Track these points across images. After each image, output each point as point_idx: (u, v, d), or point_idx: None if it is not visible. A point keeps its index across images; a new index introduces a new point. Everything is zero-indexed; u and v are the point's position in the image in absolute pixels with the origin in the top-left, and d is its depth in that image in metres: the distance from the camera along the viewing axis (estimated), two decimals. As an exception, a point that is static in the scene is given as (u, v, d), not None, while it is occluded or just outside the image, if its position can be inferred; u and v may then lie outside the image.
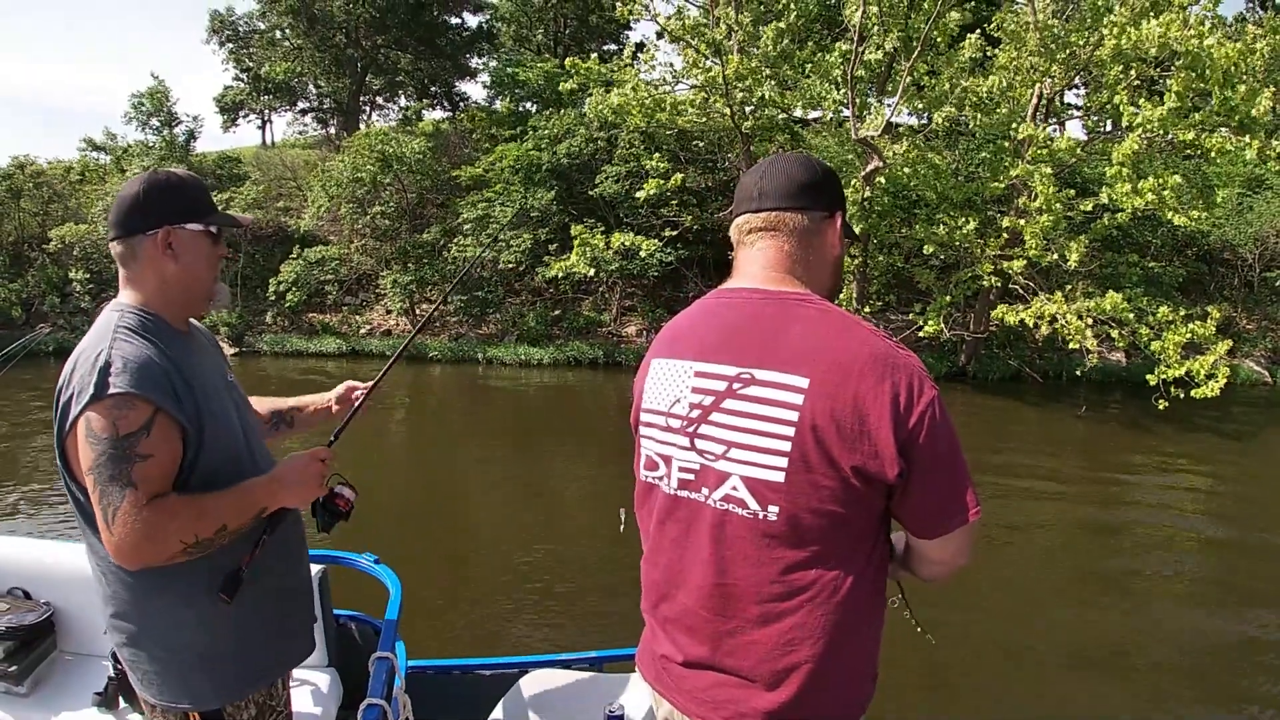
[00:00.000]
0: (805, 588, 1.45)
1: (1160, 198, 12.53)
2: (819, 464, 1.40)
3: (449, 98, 30.01)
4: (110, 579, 1.71)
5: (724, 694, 1.51)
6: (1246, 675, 5.21)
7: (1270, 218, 19.45)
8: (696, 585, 1.54)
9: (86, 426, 1.57)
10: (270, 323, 19.42)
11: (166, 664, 1.74)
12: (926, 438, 1.38)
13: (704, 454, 1.51)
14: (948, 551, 1.51)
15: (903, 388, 1.38)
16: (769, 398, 1.44)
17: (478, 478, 9.97)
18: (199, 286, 1.80)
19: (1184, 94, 12.40)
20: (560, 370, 17.24)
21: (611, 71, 15.81)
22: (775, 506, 1.43)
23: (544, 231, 18.22)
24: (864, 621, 1.50)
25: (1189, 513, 8.97)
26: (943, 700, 4.78)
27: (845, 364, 1.40)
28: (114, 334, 1.64)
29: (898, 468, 1.38)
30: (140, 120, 23.84)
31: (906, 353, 1.44)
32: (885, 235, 15.62)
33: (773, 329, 1.49)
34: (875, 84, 15.48)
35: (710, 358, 1.53)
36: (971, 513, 1.44)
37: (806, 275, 1.56)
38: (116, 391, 1.56)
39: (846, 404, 1.38)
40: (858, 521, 1.44)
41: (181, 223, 1.75)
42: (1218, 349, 12.51)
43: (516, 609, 5.81)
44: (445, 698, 2.92)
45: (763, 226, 1.58)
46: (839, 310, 1.52)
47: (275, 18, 27.74)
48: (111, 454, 1.55)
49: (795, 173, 1.58)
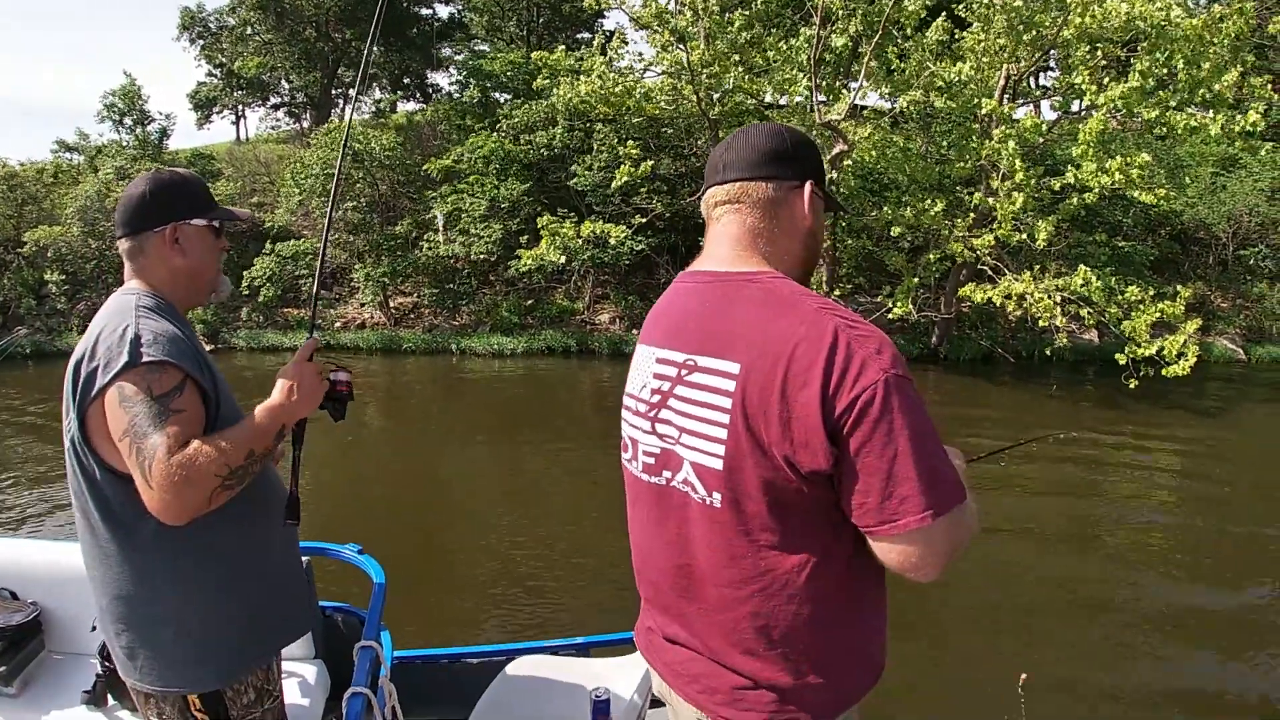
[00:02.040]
0: (758, 576, 1.41)
1: (1127, 176, 12.58)
2: (752, 453, 1.35)
3: (422, 89, 29.89)
4: (115, 561, 1.73)
5: (696, 668, 1.52)
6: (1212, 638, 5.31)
7: (1243, 196, 19.53)
8: (662, 566, 1.56)
9: (119, 393, 1.62)
10: (245, 319, 19.35)
11: (168, 648, 1.76)
12: (859, 423, 1.27)
13: (664, 438, 1.51)
14: (898, 557, 1.33)
15: (837, 367, 1.28)
16: (707, 384, 1.42)
17: (457, 467, 9.97)
18: (204, 278, 1.91)
19: (1147, 72, 12.44)
20: (533, 359, 17.24)
21: (579, 61, 15.76)
22: (718, 494, 1.41)
23: (515, 222, 18.18)
24: (842, 614, 1.44)
25: (1160, 487, 9.08)
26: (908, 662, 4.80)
27: (777, 346, 1.33)
28: (137, 311, 1.72)
29: (830, 457, 1.30)
30: (113, 120, 23.71)
31: (862, 329, 1.33)
32: (854, 219, 15.62)
33: (715, 313, 1.46)
34: (841, 69, 15.45)
35: (666, 344, 1.53)
36: (922, 516, 1.28)
37: (771, 249, 1.50)
38: (150, 359, 1.64)
39: (775, 389, 1.32)
40: (807, 511, 1.37)
41: (187, 218, 1.85)
42: (1187, 328, 12.57)
43: (501, 597, 5.85)
44: (433, 686, 2.94)
45: (727, 199, 1.52)
46: (788, 286, 1.43)
47: (244, 13, 27.57)
48: (147, 412, 1.61)
49: (761, 142, 1.52)
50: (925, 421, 1.31)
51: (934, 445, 1.31)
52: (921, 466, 1.28)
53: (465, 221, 18.05)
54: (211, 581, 1.77)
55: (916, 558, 1.31)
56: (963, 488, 1.34)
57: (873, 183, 16.20)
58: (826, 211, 1.60)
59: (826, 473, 1.32)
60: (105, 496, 1.71)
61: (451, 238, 17.93)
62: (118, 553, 1.73)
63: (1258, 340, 18.54)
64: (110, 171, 21.01)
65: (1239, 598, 6.13)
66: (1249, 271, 19.75)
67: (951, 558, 1.33)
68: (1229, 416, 13.23)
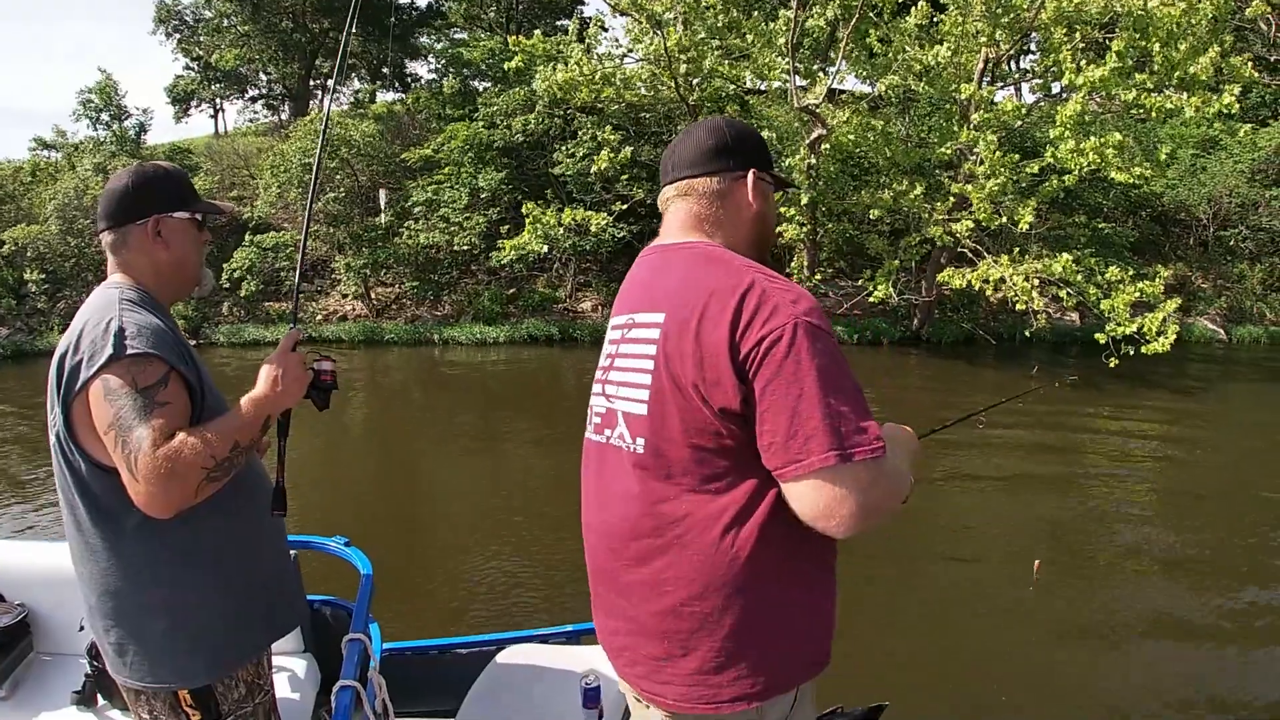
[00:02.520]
0: (675, 521, 1.41)
1: (1103, 156, 12.63)
2: (673, 395, 1.40)
3: (401, 79, 29.74)
4: (102, 555, 1.72)
5: (621, 640, 1.53)
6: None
7: (1223, 178, 19.63)
8: (597, 524, 1.58)
9: (104, 386, 1.62)
10: (226, 313, 19.24)
11: (158, 642, 1.75)
12: (765, 360, 1.30)
13: (609, 398, 1.57)
14: (807, 504, 1.30)
15: (747, 310, 1.33)
16: (640, 337, 1.50)
17: (441, 457, 9.93)
18: (188, 271, 1.91)
19: (1125, 53, 12.47)
20: (516, 348, 17.20)
21: (557, 47, 15.70)
22: (641, 439, 1.46)
23: (495, 211, 18.12)
24: (769, 582, 1.40)
25: (1137, 465, 9.14)
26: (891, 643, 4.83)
27: (697, 295, 1.40)
28: (120, 305, 1.71)
29: (739, 394, 1.33)
30: (90, 116, 23.52)
31: (783, 282, 1.38)
32: (834, 203, 15.63)
33: (655, 277, 1.56)
34: (819, 53, 15.43)
35: (617, 312, 1.64)
36: (825, 455, 1.26)
37: (717, 231, 1.58)
38: (134, 352, 1.64)
39: (691, 330, 1.37)
40: (728, 456, 1.37)
41: (170, 211, 1.85)
42: (1167, 306, 12.66)
43: (489, 587, 5.81)
44: (423, 678, 2.93)
45: (675, 195, 1.62)
46: (724, 252, 1.51)
47: (220, 5, 27.34)
48: (132, 405, 1.61)
49: (703, 139, 1.60)
50: (841, 372, 1.31)
51: (849, 396, 1.30)
52: (829, 409, 1.27)
53: (446, 211, 17.96)
54: (200, 575, 1.76)
55: (824, 504, 1.28)
56: (881, 442, 1.30)
57: (853, 166, 16.20)
58: (777, 190, 1.71)
59: (739, 412, 1.34)
60: (92, 491, 1.70)
61: (432, 224, 17.83)
62: (105, 547, 1.72)
63: (1238, 320, 18.69)
64: (88, 168, 20.84)
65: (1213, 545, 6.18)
66: (1229, 252, 19.88)
67: (868, 513, 1.28)
68: (1208, 395, 13.33)
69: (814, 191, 14.72)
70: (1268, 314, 18.94)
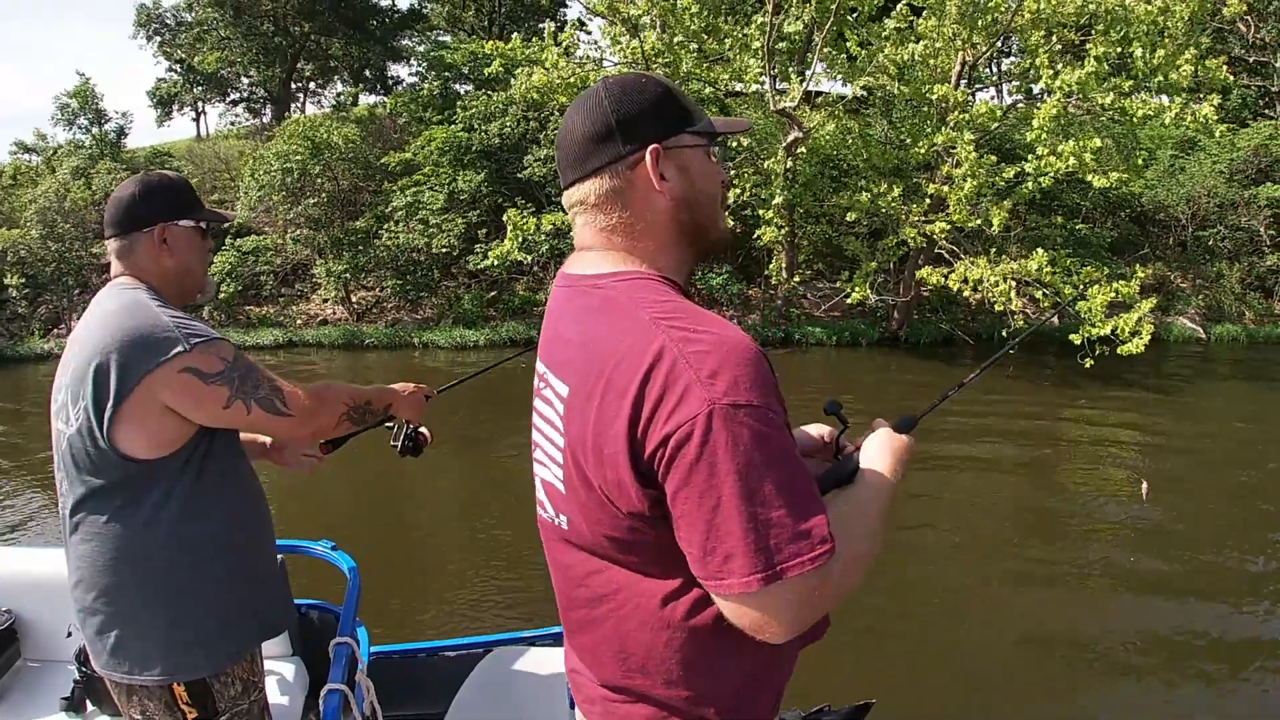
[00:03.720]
0: (607, 597, 1.26)
1: (1080, 160, 12.69)
2: (581, 485, 1.19)
3: (383, 82, 29.69)
4: (109, 550, 1.75)
5: (576, 679, 1.43)
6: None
7: (1201, 178, 19.76)
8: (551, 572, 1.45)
9: (195, 374, 1.71)
10: (207, 318, 19.17)
11: (158, 636, 1.77)
12: (673, 465, 1.06)
13: (535, 460, 1.36)
14: (734, 617, 1.10)
15: (650, 397, 1.07)
16: (550, 401, 1.27)
17: (424, 461, 9.85)
18: (192, 278, 1.97)
19: (1102, 57, 12.53)
20: (496, 351, 17.17)
21: (535, 51, 15.69)
22: (564, 516, 1.27)
23: (475, 214, 18.11)
24: (717, 649, 1.22)
25: (1113, 464, 9.26)
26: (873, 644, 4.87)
27: (597, 369, 1.14)
28: (153, 304, 1.79)
29: (646, 500, 1.11)
30: (67, 120, 23.40)
31: (700, 344, 1.08)
32: (812, 205, 15.67)
33: (560, 324, 1.31)
34: (796, 56, 15.46)
35: (540, 352, 1.38)
36: (746, 580, 1.04)
37: (633, 241, 1.26)
38: (203, 338, 1.74)
39: (590, 423, 1.14)
40: (651, 546, 1.18)
41: (175, 219, 1.92)
42: (1142, 306, 12.73)
43: (478, 590, 5.83)
44: (411, 681, 2.93)
45: (573, 203, 1.30)
46: (631, 291, 1.20)
47: (201, 10, 27.25)
48: (238, 375, 1.75)
49: (579, 128, 1.25)
50: (772, 465, 1.04)
51: (782, 496, 1.04)
52: (753, 521, 1.03)
53: (425, 213, 17.94)
54: (206, 566, 1.79)
55: (750, 623, 1.08)
56: (826, 545, 1.06)
57: (832, 168, 16.24)
58: (715, 142, 1.33)
59: (651, 515, 1.13)
60: (107, 486, 1.74)
61: (412, 227, 17.81)
62: (112, 542, 1.75)
63: (1217, 319, 18.80)
64: (68, 172, 20.75)
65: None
66: (1208, 252, 20.00)
67: (811, 619, 1.10)
68: (1186, 393, 13.42)
69: (789, 194, 14.73)
70: (1247, 313, 19.05)
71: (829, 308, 16.05)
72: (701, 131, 1.28)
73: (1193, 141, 20.39)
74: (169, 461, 1.74)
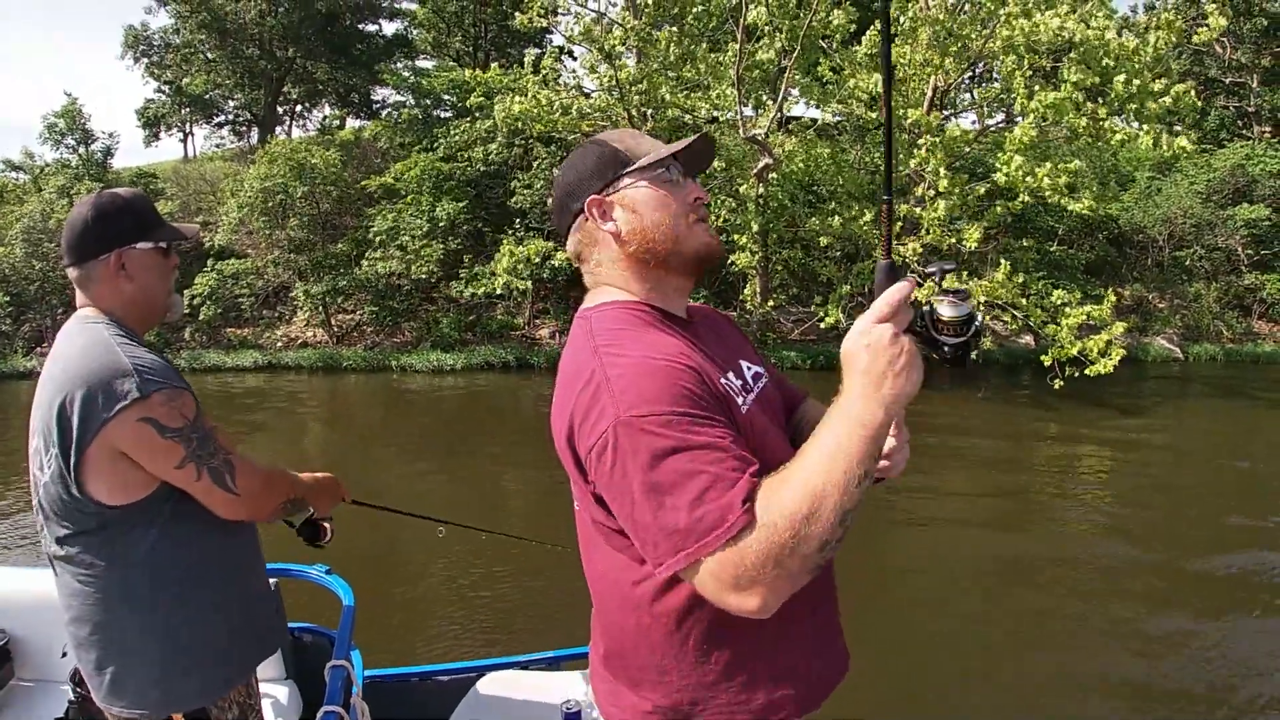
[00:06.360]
0: (596, 577, 1.41)
1: (1055, 185, 12.78)
2: (576, 476, 1.33)
3: (368, 106, 29.82)
4: (102, 588, 1.72)
5: (592, 654, 1.54)
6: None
7: (1178, 199, 19.91)
8: None
9: (153, 425, 1.65)
10: (189, 339, 19.22)
11: (156, 669, 1.75)
12: (597, 474, 1.22)
13: None
14: (707, 595, 1.18)
15: (579, 414, 1.24)
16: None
17: (404, 485, 9.82)
18: (156, 302, 1.88)
19: (1079, 84, 12.66)
20: (472, 374, 17.21)
21: (514, 80, 15.83)
22: (576, 502, 1.42)
23: (455, 241, 18.19)
24: (686, 635, 1.31)
25: (1083, 484, 9.30)
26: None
27: (560, 385, 1.34)
28: (116, 342, 1.72)
29: (595, 492, 1.27)
30: (54, 140, 23.51)
31: (617, 374, 1.22)
32: (784, 230, 15.77)
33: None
34: (769, 83, 15.62)
35: None
36: (673, 561, 1.15)
37: (607, 278, 1.43)
38: (165, 387, 1.67)
39: (554, 428, 1.32)
40: (619, 532, 1.30)
41: (132, 243, 1.81)
42: (1113, 329, 12.83)
43: (470, 615, 5.82)
44: (404, 704, 2.92)
45: (569, 255, 1.53)
46: (598, 320, 1.35)
47: (189, 33, 27.37)
48: (197, 436, 1.69)
49: (554, 195, 1.48)
50: (671, 458, 1.14)
51: (683, 484, 1.13)
52: (662, 513, 1.14)
53: (404, 239, 18.03)
54: (202, 594, 1.78)
55: (711, 595, 1.15)
56: (734, 514, 1.10)
57: (806, 193, 16.35)
58: (665, 165, 1.41)
59: (606, 509, 1.27)
60: (94, 530, 1.69)
61: (391, 253, 17.91)
62: (105, 581, 1.72)
63: (1194, 339, 18.90)
64: (53, 191, 20.85)
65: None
66: (1185, 272, 20.12)
67: (764, 580, 1.11)
68: (1161, 412, 13.52)
69: (762, 219, 14.84)
70: (1225, 332, 19.16)
71: (803, 331, 16.13)
72: (638, 168, 1.40)
73: (1170, 163, 20.55)
74: (145, 503, 1.69)
